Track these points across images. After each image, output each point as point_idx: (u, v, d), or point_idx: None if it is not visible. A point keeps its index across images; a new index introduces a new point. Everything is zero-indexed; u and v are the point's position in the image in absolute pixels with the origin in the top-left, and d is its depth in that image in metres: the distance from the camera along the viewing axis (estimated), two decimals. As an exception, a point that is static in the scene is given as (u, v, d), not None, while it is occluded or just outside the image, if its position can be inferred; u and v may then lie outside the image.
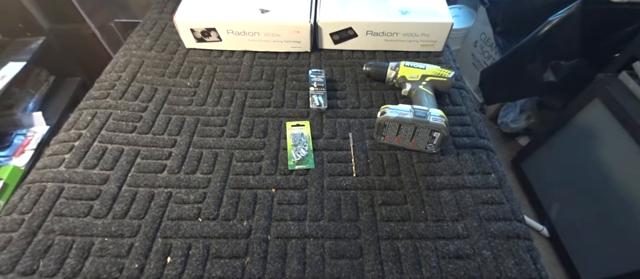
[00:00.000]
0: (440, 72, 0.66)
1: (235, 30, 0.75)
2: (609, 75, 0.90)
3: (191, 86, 0.70)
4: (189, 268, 0.45)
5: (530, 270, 0.45)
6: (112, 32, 1.29)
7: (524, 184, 1.28)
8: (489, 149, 0.60)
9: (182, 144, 0.59)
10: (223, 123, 0.63)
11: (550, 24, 0.92)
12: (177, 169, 0.56)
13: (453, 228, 0.49)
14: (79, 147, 0.57)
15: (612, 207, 0.91)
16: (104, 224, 0.48)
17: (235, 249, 0.47)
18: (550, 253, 1.13)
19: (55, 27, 1.23)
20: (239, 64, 0.76)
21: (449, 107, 0.67)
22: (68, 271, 0.44)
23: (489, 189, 0.54)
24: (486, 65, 1.40)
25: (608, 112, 0.89)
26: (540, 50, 0.98)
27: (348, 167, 0.56)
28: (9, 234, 0.47)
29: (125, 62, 0.75)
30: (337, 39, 0.78)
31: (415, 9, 0.77)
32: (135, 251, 0.46)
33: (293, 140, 0.60)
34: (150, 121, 0.63)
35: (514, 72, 1.08)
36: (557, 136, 1.09)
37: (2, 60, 1.06)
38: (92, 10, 1.22)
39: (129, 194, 0.52)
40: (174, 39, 0.81)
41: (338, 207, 0.51)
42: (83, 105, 0.66)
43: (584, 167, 0.99)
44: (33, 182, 0.53)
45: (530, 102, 1.33)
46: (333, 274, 0.45)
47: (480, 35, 1.41)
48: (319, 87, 0.67)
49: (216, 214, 0.50)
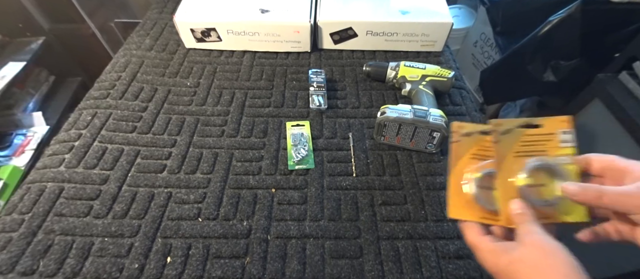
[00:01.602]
0: (440, 72, 0.66)
1: (235, 30, 0.75)
2: (609, 75, 0.90)
3: (191, 86, 0.70)
4: (189, 268, 0.45)
5: (530, 270, 0.45)
6: (112, 32, 1.29)
7: (524, 184, 1.28)
8: (489, 149, 0.60)
9: (182, 144, 0.59)
10: (223, 123, 0.63)
11: (550, 24, 0.92)
12: (177, 169, 0.56)
13: (453, 228, 0.49)
14: (79, 147, 0.57)
15: (612, 207, 0.91)
16: (104, 224, 0.48)
17: (235, 249, 0.47)
18: (550, 253, 1.13)
19: (55, 27, 1.23)
20: (239, 64, 0.76)
21: (449, 107, 0.67)
22: (68, 271, 0.44)
23: (489, 189, 0.54)
24: (486, 65, 1.40)
25: (608, 112, 0.89)
26: (540, 50, 0.98)
27: (348, 167, 0.56)
28: (9, 234, 0.47)
29: (125, 62, 0.75)
30: (337, 39, 0.78)
31: (415, 9, 0.77)
32: (135, 251, 0.46)
33: (293, 140, 0.60)
34: (150, 121, 0.63)
35: (514, 72, 1.08)
36: (557, 136, 1.09)
37: (2, 60, 1.06)
38: (92, 10, 1.22)
39: (129, 194, 0.52)
40: (174, 39, 0.81)
41: (338, 207, 0.51)
42: (83, 105, 0.66)
43: (584, 167, 0.98)
44: (33, 182, 0.53)
45: (530, 102, 1.33)
46: (333, 274, 0.45)
47: (480, 35, 1.41)
48: (319, 87, 0.67)
49: (216, 214, 0.50)
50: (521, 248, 0.27)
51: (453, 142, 0.35)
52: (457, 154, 0.35)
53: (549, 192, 0.31)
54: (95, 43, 1.28)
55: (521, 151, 0.32)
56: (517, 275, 0.26)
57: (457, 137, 0.35)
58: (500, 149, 0.32)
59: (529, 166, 0.31)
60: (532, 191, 0.31)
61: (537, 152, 0.32)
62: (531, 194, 0.31)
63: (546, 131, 0.32)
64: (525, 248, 0.27)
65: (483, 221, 0.32)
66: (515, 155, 0.32)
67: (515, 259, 0.27)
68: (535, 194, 0.31)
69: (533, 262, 0.26)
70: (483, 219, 0.32)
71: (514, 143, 0.32)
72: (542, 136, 0.32)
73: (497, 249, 0.29)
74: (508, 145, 0.32)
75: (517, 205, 0.30)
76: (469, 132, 0.35)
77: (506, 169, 0.32)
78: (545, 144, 0.32)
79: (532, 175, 0.31)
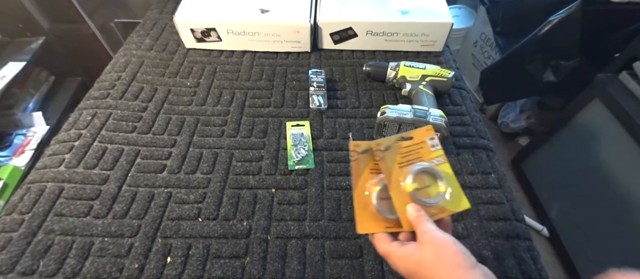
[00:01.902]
0: (440, 72, 0.66)
1: (235, 30, 0.75)
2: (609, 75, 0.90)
3: (191, 86, 0.70)
4: (189, 268, 0.45)
5: (530, 270, 0.45)
6: (112, 32, 1.29)
7: (524, 184, 1.28)
8: (489, 149, 0.60)
9: (182, 144, 0.59)
10: (223, 123, 0.63)
11: (550, 24, 0.92)
12: (177, 169, 0.56)
13: (453, 228, 0.49)
14: (79, 147, 0.57)
15: (612, 207, 0.91)
16: (104, 224, 0.48)
17: (235, 249, 0.47)
18: (550, 253, 1.13)
19: (55, 27, 1.23)
20: (239, 64, 0.76)
21: (449, 107, 0.67)
22: (68, 271, 0.44)
23: (489, 189, 0.54)
24: (486, 65, 1.40)
25: (608, 112, 0.89)
26: (540, 50, 0.98)
27: (348, 168, 0.56)
28: (9, 234, 0.47)
29: (125, 62, 0.75)
30: (337, 39, 0.78)
31: (415, 9, 0.77)
32: (135, 251, 0.46)
33: (293, 140, 0.60)
34: (150, 121, 0.63)
35: (514, 72, 1.08)
36: (557, 136, 1.09)
37: (2, 60, 1.06)
38: (92, 10, 1.22)
39: (129, 194, 0.52)
40: (174, 39, 0.81)
41: (338, 207, 0.51)
42: (83, 105, 0.66)
43: (584, 167, 0.99)
44: (33, 182, 0.53)
45: (530, 102, 1.33)
46: (333, 274, 0.45)
47: (480, 35, 1.41)
48: (319, 87, 0.67)
49: (216, 214, 0.50)
50: (422, 248, 0.31)
51: (352, 161, 0.38)
52: (357, 172, 0.37)
53: (434, 191, 0.36)
54: (95, 43, 1.28)
55: (404, 161, 0.37)
56: (425, 273, 0.29)
57: (356, 155, 0.38)
58: (386, 164, 0.36)
59: (412, 172, 0.36)
60: (421, 192, 0.35)
61: (415, 160, 0.37)
62: (421, 196, 0.35)
63: (417, 141, 0.38)
64: (424, 247, 0.30)
65: (389, 230, 0.35)
66: (399, 166, 0.36)
67: (419, 259, 0.30)
68: (424, 195, 0.35)
69: (432, 258, 0.29)
70: (388, 229, 0.35)
71: (395, 156, 0.37)
72: (416, 145, 0.38)
73: (405, 253, 0.31)
74: (391, 159, 0.37)
75: (412, 209, 0.34)
76: (365, 150, 0.38)
77: (395, 180, 0.36)
78: (420, 151, 0.38)
79: (416, 179, 0.36)
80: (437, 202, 0.35)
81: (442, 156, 0.38)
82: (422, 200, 0.35)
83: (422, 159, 0.37)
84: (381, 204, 0.36)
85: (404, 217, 0.34)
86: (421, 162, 0.37)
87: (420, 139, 0.38)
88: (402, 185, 0.35)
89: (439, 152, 0.38)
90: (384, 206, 0.36)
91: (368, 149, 0.38)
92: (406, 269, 0.31)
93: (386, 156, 0.37)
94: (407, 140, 0.38)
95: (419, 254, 0.30)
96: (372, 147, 0.37)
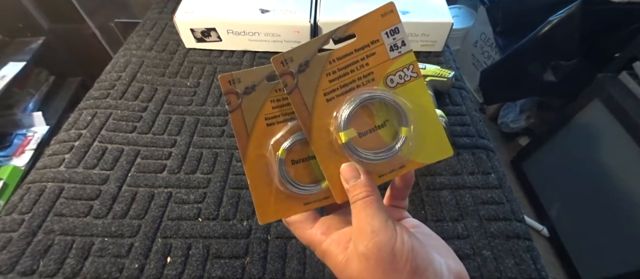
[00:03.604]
0: (440, 72, 0.66)
1: (235, 30, 0.75)
2: (609, 75, 0.90)
3: (191, 86, 0.70)
4: (189, 268, 0.45)
5: (530, 270, 0.45)
6: (112, 32, 1.29)
7: (524, 184, 1.28)
8: (489, 149, 0.60)
9: (182, 144, 0.59)
10: (223, 123, 0.63)
11: (550, 24, 0.93)
12: (177, 169, 0.56)
13: (453, 228, 0.49)
14: (79, 147, 0.57)
15: (612, 207, 0.91)
16: (104, 224, 0.48)
17: (235, 249, 0.47)
18: (550, 253, 1.13)
19: (55, 27, 1.23)
20: (239, 64, 0.76)
21: (449, 107, 0.67)
22: (68, 271, 0.44)
23: (489, 189, 0.54)
24: (486, 65, 1.40)
25: (608, 112, 0.89)
26: (540, 50, 0.98)
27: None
28: (9, 234, 0.47)
29: (125, 62, 0.75)
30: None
31: (415, 9, 0.77)
32: (135, 251, 0.46)
33: (293, 140, 0.60)
34: (150, 121, 0.63)
35: (514, 72, 1.08)
36: (557, 136, 1.09)
37: (2, 60, 1.07)
38: (92, 10, 1.22)
39: (129, 194, 0.52)
40: (174, 39, 0.81)
41: (338, 207, 0.51)
42: (83, 105, 0.66)
43: (584, 167, 0.99)
44: (33, 182, 0.53)
45: (530, 102, 1.33)
46: (333, 275, 0.45)
47: (480, 35, 1.41)
48: (319, 87, 0.67)
49: (216, 214, 0.50)
50: (356, 261, 0.21)
51: (230, 112, 0.22)
52: (241, 128, 0.22)
53: (391, 133, 0.22)
54: (95, 43, 1.28)
55: (335, 89, 0.21)
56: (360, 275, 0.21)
57: (234, 100, 0.22)
58: (301, 97, 0.21)
59: (351, 105, 0.21)
60: (367, 139, 0.21)
61: (360, 79, 0.21)
62: (366, 146, 0.21)
63: (364, 41, 0.23)
64: (360, 262, 0.21)
65: (308, 208, 0.24)
66: (327, 97, 0.21)
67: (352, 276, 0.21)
68: (373, 143, 0.21)
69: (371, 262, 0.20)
70: (309, 207, 0.24)
71: (320, 79, 0.21)
72: (360, 50, 0.22)
73: (335, 263, 0.23)
74: (312, 85, 0.21)
75: (348, 173, 0.21)
76: (250, 86, 0.22)
77: (319, 125, 0.21)
78: (368, 61, 0.22)
79: (360, 118, 0.21)
80: (395, 153, 0.21)
81: (413, 65, 0.22)
82: (366, 155, 0.21)
83: (374, 76, 0.22)
84: (292, 172, 0.23)
85: (336, 187, 0.22)
86: (372, 89, 0.21)
87: (370, 37, 0.22)
88: (332, 132, 0.21)
89: (406, 59, 0.22)
90: (298, 174, 0.23)
91: (255, 84, 0.22)
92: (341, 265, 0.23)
93: (302, 81, 0.21)
94: (343, 42, 0.23)
95: (351, 272, 0.21)
96: (275, 67, 0.21)
